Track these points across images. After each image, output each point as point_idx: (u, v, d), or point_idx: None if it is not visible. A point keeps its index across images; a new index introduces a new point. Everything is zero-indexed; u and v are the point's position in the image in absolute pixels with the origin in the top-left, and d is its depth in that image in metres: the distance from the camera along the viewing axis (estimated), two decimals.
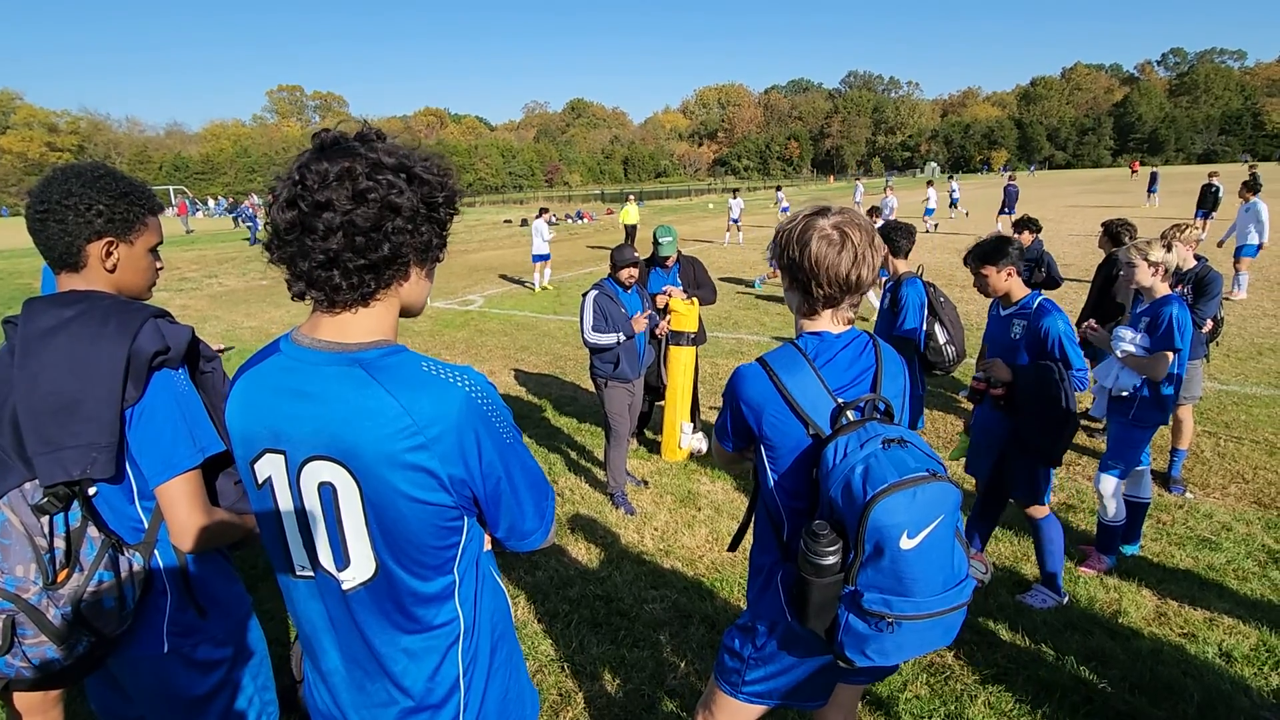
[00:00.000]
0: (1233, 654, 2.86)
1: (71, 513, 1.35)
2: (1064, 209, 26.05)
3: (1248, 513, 4.10)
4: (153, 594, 1.48)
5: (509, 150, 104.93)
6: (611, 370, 4.37)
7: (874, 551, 1.30)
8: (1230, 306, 8.66)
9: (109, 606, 1.37)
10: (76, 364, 1.33)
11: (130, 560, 1.42)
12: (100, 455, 1.33)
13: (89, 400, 1.32)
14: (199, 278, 16.80)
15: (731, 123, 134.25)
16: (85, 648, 1.37)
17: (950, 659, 2.84)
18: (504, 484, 1.08)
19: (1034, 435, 2.93)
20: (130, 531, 1.45)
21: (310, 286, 1.00)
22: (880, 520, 1.26)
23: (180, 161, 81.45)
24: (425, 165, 1.03)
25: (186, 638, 1.51)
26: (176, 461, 1.38)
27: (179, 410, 1.40)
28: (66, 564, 1.33)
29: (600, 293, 4.38)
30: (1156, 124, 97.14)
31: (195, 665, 1.53)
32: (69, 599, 1.33)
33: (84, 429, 1.32)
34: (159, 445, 1.37)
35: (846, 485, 1.33)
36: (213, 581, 1.57)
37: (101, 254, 1.46)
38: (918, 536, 1.27)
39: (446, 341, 9.53)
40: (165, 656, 1.49)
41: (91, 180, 1.44)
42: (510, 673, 1.21)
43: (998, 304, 3.23)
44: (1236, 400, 5.91)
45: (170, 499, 1.39)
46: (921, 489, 1.28)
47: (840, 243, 1.49)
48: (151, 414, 1.37)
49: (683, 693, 2.70)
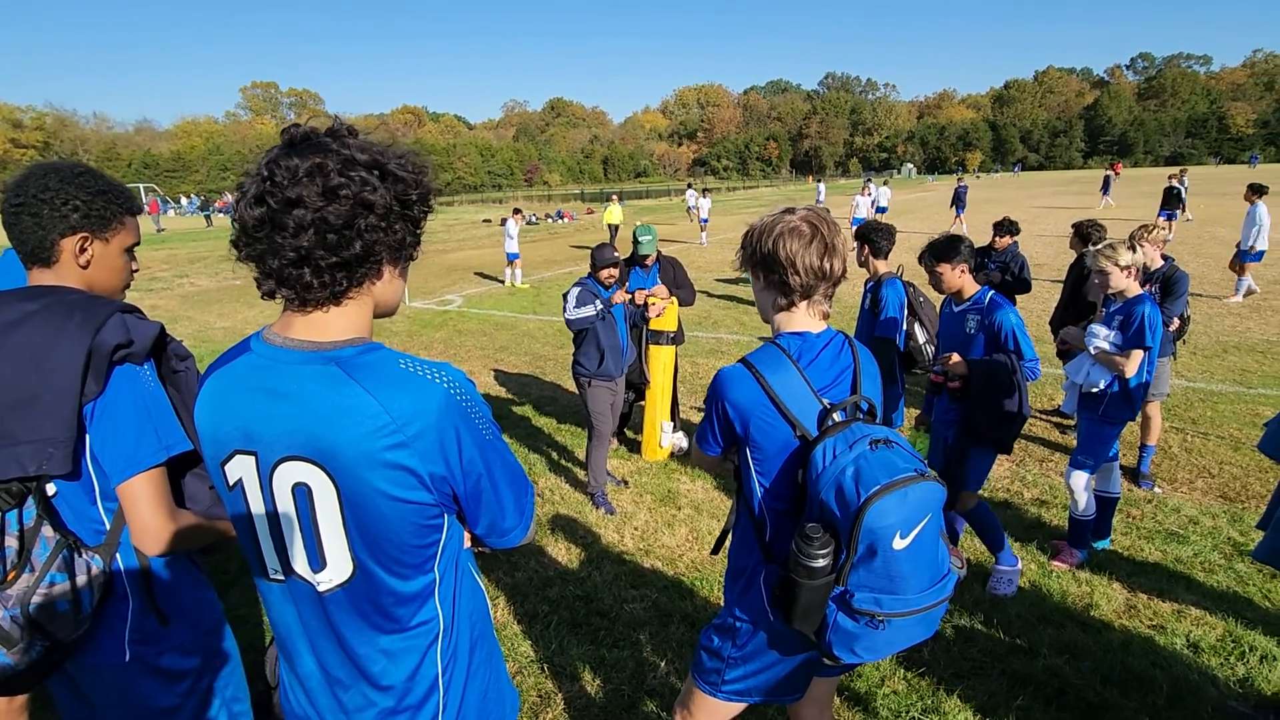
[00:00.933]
0: (1200, 645, 2.93)
1: (26, 510, 1.31)
2: (1036, 210, 26.49)
3: (1214, 506, 4.20)
4: (113, 599, 1.44)
5: (488, 149, 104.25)
6: (595, 368, 4.35)
7: (867, 553, 1.31)
8: (1196, 305, 8.85)
9: (62, 610, 1.32)
10: (37, 357, 1.30)
11: (89, 562, 1.38)
12: (57, 451, 1.29)
13: (47, 395, 1.28)
14: (170, 277, 16.48)
15: (711, 123, 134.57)
16: (39, 652, 1.32)
17: (926, 654, 2.87)
18: (484, 481, 1.07)
19: (989, 424, 3.03)
20: (91, 533, 1.41)
21: (281, 285, 0.98)
22: (874, 523, 1.28)
23: (150, 159, 79.75)
24: (399, 162, 1.01)
25: (150, 645, 1.47)
26: (139, 459, 1.34)
27: (142, 406, 1.37)
28: (17, 563, 1.29)
29: (583, 289, 4.37)
30: (1126, 127, 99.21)
31: (160, 674, 1.49)
32: (17, 600, 1.28)
33: (41, 423, 1.28)
34: (120, 442, 1.34)
35: (839, 488, 1.33)
36: (178, 587, 1.53)
37: (75, 250, 1.43)
38: (909, 536, 1.29)
39: (425, 342, 9.44)
40: (127, 665, 1.45)
41: (70, 177, 1.42)
42: (490, 672, 1.20)
43: (950, 301, 3.33)
44: (1203, 397, 6.06)
45: (132, 498, 1.35)
46: (911, 489, 1.30)
47: (811, 234, 1.51)
48: (113, 409, 1.34)
49: (663, 692, 2.70)
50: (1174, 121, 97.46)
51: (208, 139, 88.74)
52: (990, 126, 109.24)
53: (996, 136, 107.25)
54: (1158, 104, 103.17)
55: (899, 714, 2.56)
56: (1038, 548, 3.72)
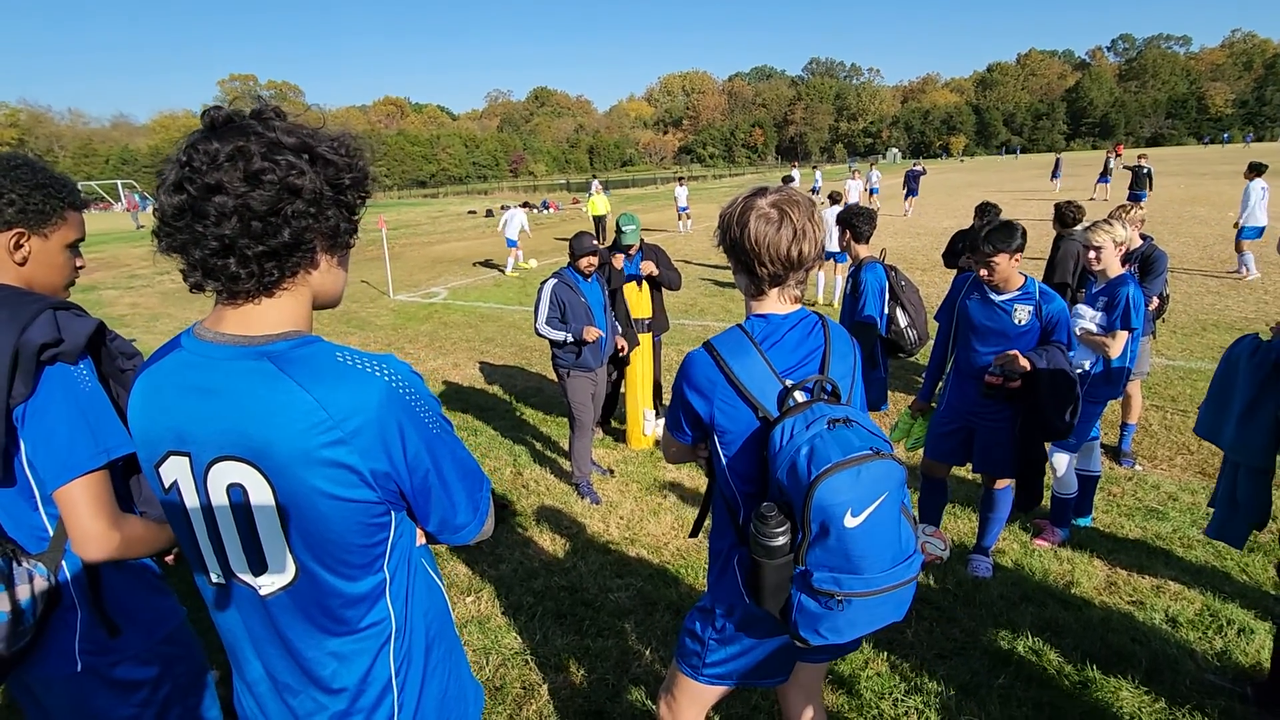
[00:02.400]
0: (1179, 619, 2.96)
1: None
2: (1018, 196, 26.60)
3: (1193, 483, 4.24)
4: (60, 609, 1.38)
5: (472, 140, 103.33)
6: (574, 360, 4.33)
7: (820, 531, 1.30)
8: (1174, 283, 8.93)
9: (1, 622, 1.26)
10: None
11: (30, 572, 1.31)
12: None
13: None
14: (149, 274, 16.23)
15: (696, 110, 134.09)
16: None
17: (909, 635, 2.88)
18: (432, 476, 1.03)
19: (1057, 418, 2.89)
20: (33, 540, 1.35)
21: (206, 276, 0.94)
22: (824, 500, 1.27)
23: (128, 155, 78.36)
24: (331, 145, 0.96)
25: (102, 655, 1.42)
26: (75, 463, 1.28)
27: (76, 408, 1.30)
28: None
29: (559, 282, 4.32)
30: (1107, 108, 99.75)
31: (115, 685, 1.44)
32: None
33: None
34: (54, 446, 1.27)
35: (792, 466, 1.33)
36: (131, 595, 1.47)
37: (9, 246, 1.37)
38: (862, 514, 1.28)
39: (410, 335, 9.37)
40: (79, 675, 1.40)
41: (6, 170, 1.36)
42: (449, 671, 1.17)
43: (978, 289, 3.13)
44: (1182, 375, 6.12)
45: (69, 503, 1.28)
46: (865, 467, 1.28)
47: (779, 220, 1.48)
48: (44, 412, 1.27)
49: (648, 680, 2.69)
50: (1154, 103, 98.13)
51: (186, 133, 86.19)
52: (974, 110, 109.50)
53: (980, 120, 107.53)
54: (1138, 85, 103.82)
55: (882, 695, 2.58)
56: (1020, 527, 3.75)
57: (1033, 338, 2.99)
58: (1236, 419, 2.27)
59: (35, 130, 78.31)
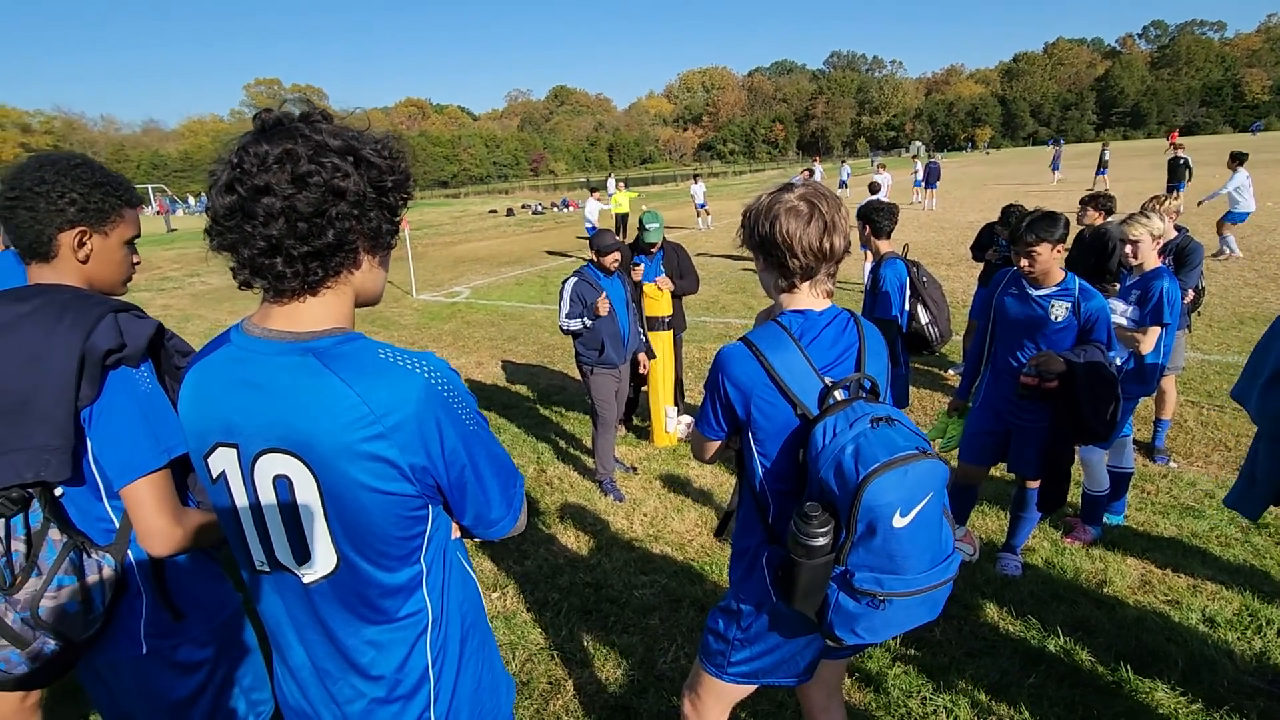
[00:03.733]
0: (1216, 620, 2.89)
1: (33, 514, 1.31)
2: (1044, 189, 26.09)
3: (1230, 480, 4.13)
4: (127, 596, 1.44)
5: (493, 140, 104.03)
6: (596, 357, 4.34)
7: (866, 531, 1.29)
8: (1210, 276, 8.71)
9: (72, 611, 1.32)
10: (29, 362, 1.28)
11: (99, 562, 1.37)
12: (53, 458, 1.28)
13: (41, 400, 1.27)
14: (180, 276, 16.59)
15: (716, 106, 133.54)
16: (53, 651, 1.33)
17: (937, 634, 2.85)
18: (468, 472, 1.05)
19: (1097, 421, 2.80)
20: (100, 533, 1.41)
21: (254, 275, 0.97)
22: (873, 500, 1.26)
23: (158, 159, 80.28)
24: (374, 147, 0.98)
25: (165, 639, 1.48)
26: (139, 464, 1.33)
27: (139, 410, 1.35)
28: (25, 568, 1.29)
29: (580, 279, 4.32)
30: (1138, 97, 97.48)
31: (176, 666, 1.50)
32: (26, 604, 1.28)
33: (36, 430, 1.27)
34: (119, 447, 1.32)
35: (838, 466, 1.31)
36: (192, 581, 1.53)
37: (73, 244, 1.41)
38: (909, 515, 1.27)
39: (434, 334, 9.46)
40: (144, 658, 1.46)
41: (67, 169, 1.40)
42: (483, 662, 1.19)
43: (1017, 283, 3.04)
44: (1219, 369, 5.96)
45: (135, 502, 1.34)
46: (911, 467, 1.28)
47: (809, 213, 1.48)
48: (109, 414, 1.32)
49: (673, 677, 2.70)
50: (1188, 90, 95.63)
51: (214, 138, 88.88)
52: (999, 101, 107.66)
53: (1006, 111, 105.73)
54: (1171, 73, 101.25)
55: (910, 694, 2.56)
56: (1050, 525, 3.69)
57: (1070, 335, 2.90)
58: (1263, 384, 2.22)
59: (70, 137, 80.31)
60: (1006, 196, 20.29)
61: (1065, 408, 2.84)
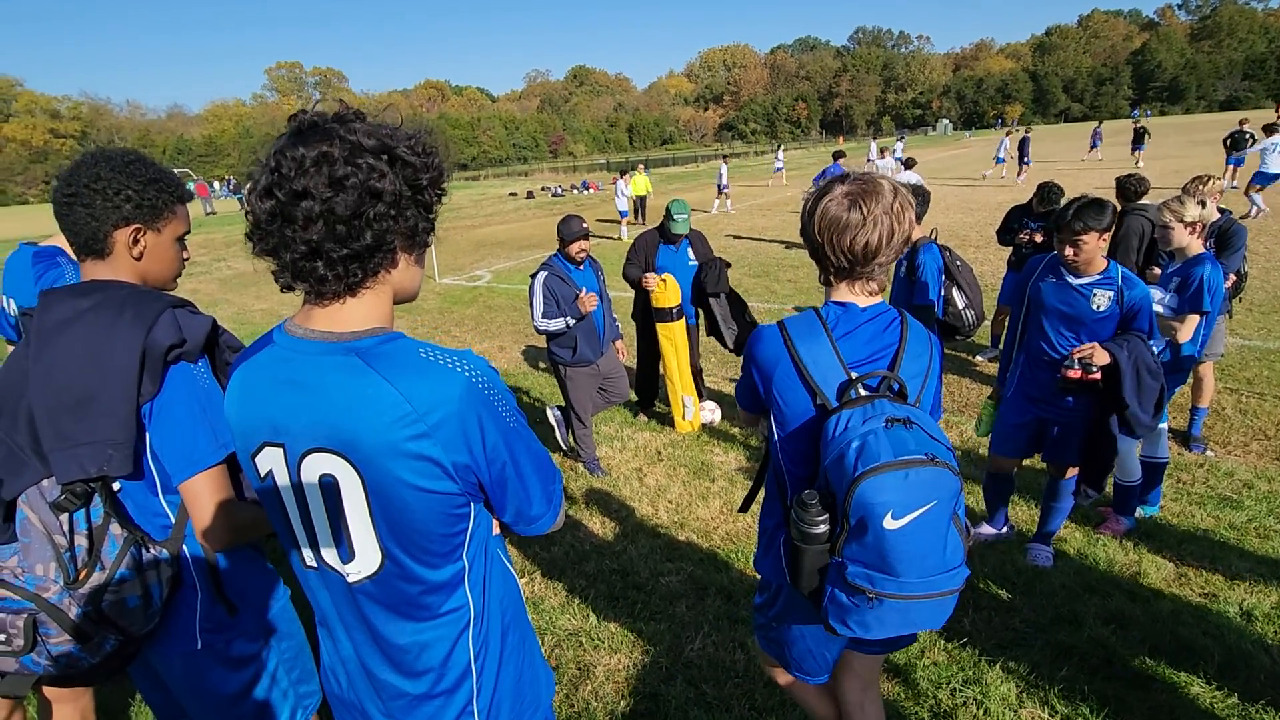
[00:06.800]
0: (1254, 613, 2.84)
1: (94, 509, 1.33)
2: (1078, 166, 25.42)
3: (1270, 470, 4.04)
4: (183, 590, 1.46)
5: (512, 122, 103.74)
6: (570, 356, 4.25)
7: (857, 526, 1.29)
8: (1253, 259, 8.46)
9: (133, 605, 1.35)
10: (91, 357, 1.30)
11: (157, 557, 1.40)
12: (116, 453, 1.30)
13: (104, 396, 1.29)
14: (208, 261, 16.84)
15: (737, 85, 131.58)
16: (113, 645, 1.36)
17: (967, 625, 2.84)
18: (509, 469, 1.06)
19: (1142, 413, 2.73)
20: (157, 528, 1.43)
21: (296, 278, 0.97)
22: (865, 497, 1.26)
23: (183, 144, 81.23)
24: (409, 145, 0.98)
25: (220, 633, 1.50)
26: (198, 458, 1.35)
27: (198, 405, 1.37)
28: (88, 562, 1.32)
29: (550, 274, 4.14)
30: (1177, 71, 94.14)
31: (228, 661, 1.53)
32: (90, 598, 1.31)
33: (99, 425, 1.29)
34: (178, 442, 1.34)
35: (839, 457, 1.32)
36: (243, 575, 1.55)
37: (128, 241, 1.43)
38: (903, 519, 1.26)
39: (456, 319, 9.52)
40: (199, 653, 1.49)
41: (121, 166, 1.41)
42: (524, 656, 1.21)
43: (1055, 270, 2.95)
44: (1259, 355, 5.80)
45: (193, 496, 1.36)
46: (915, 472, 1.26)
47: (848, 210, 1.44)
48: (170, 410, 1.34)
49: (700, 664, 2.72)
50: (1229, 63, 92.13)
51: (237, 122, 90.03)
52: (1031, 77, 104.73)
53: (1038, 87, 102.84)
54: (1212, 45, 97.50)
55: (939, 685, 2.55)
56: (1082, 516, 3.63)
57: (1110, 325, 2.82)
58: None
59: (96, 123, 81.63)
60: (1037, 176, 19.84)
61: (1109, 398, 2.78)
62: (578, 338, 4.23)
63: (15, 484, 1.31)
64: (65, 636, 1.31)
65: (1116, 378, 2.71)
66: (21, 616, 1.27)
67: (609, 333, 4.50)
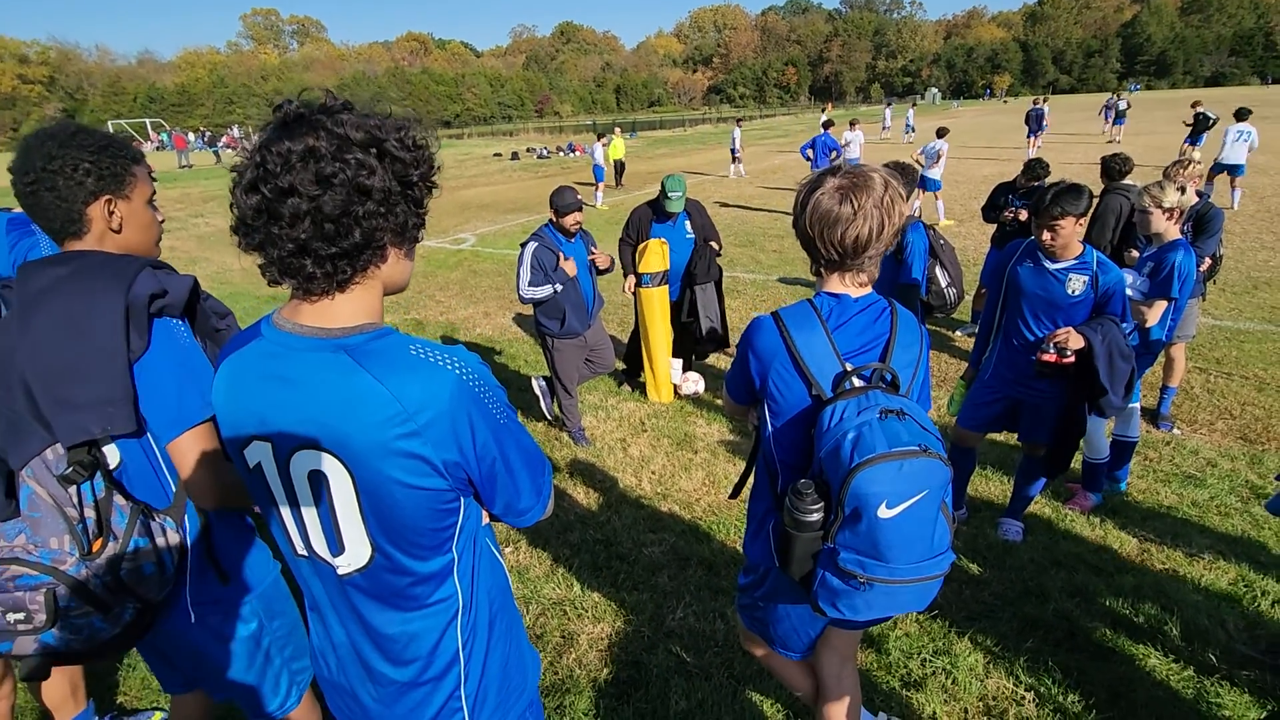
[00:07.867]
0: (1212, 589, 2.97)
1: (97, 483, 1.33)
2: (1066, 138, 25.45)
3: (1233, 449, 4.18)
4: (186, 559, 1.47)
5: (497, 79, 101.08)
6: (559, 328, 4.24)
7: (852, 516, 1.33)
8: (1227, 239, 8.58)
9: (149, 572, 1.36)
10: (76, 321, 1.29)
11: (163, 525, 1.41)
12: (116, 410, 1.30)
13: (94, 356, 1.28)
14: (184, 217, 16.42)
15: (727, 47, 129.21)
16: (131, 615, 1.37)
17: (939, 597, 2.92)
18: (499, 465, 1.07)
19: (1114, 394, 2.80)
20: (159, 497, 1.43)
21: (283, 274, 0.96)
22: (860, 487, 1.29)
23: (155, 92, 78.26)
24: (399, 138, 0.96)
25: (211, 606, 1.51)
26: (185, 416, 1.34)
27: (184, 361, 1.36)
28: (99, 533, 1.32)
29: (540, 244, 4.12)
30: (1166, 45, 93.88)
31: (221, 637, 1.54)
32: (108, 568, 1.31)
33: (95, 387, 1.29)
34: (165, 399, 1.33)
35: (835, 448, 1.35)
36: (234, 546, 1.56)
37: (104, 214, 1.41)
38: (897, 508, 1.30)
39: (440, 283, 9.42)
40: (194, 626, 1.50)
41: (68, 139, 1.37)
42: (510, 642, 1.23)
43: (1032, 254, 2.99)
44: (1229, 336, 5.94)
45: (181, 454, 1.36)
46: (909, 463, 1.29)
47: (839, 204, 1.45)
48: (156, 366, 1.33)
49: (682, 634, 2.79)
50: (1218, 39, 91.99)
51: (211, 70, 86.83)
52: (1021, 46, 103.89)
53: (1027, 57, 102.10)
54: (1201, 19, 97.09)
55: (910, 655, 2.65)
56: (1051, 492, 3.74)
57: (1085, 309, 2.88)
58: None
59: (65, 68, 78.30)
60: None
61: (1082, 381, 2.85)
62: (566, 309, 4.21)
63: (21, 453, 1.29)
64: (87, 608, 1.30)
65: (1091, 361, 2.78)
66: (41, 591, 1.27)
67: (597, 304, 4.50)
